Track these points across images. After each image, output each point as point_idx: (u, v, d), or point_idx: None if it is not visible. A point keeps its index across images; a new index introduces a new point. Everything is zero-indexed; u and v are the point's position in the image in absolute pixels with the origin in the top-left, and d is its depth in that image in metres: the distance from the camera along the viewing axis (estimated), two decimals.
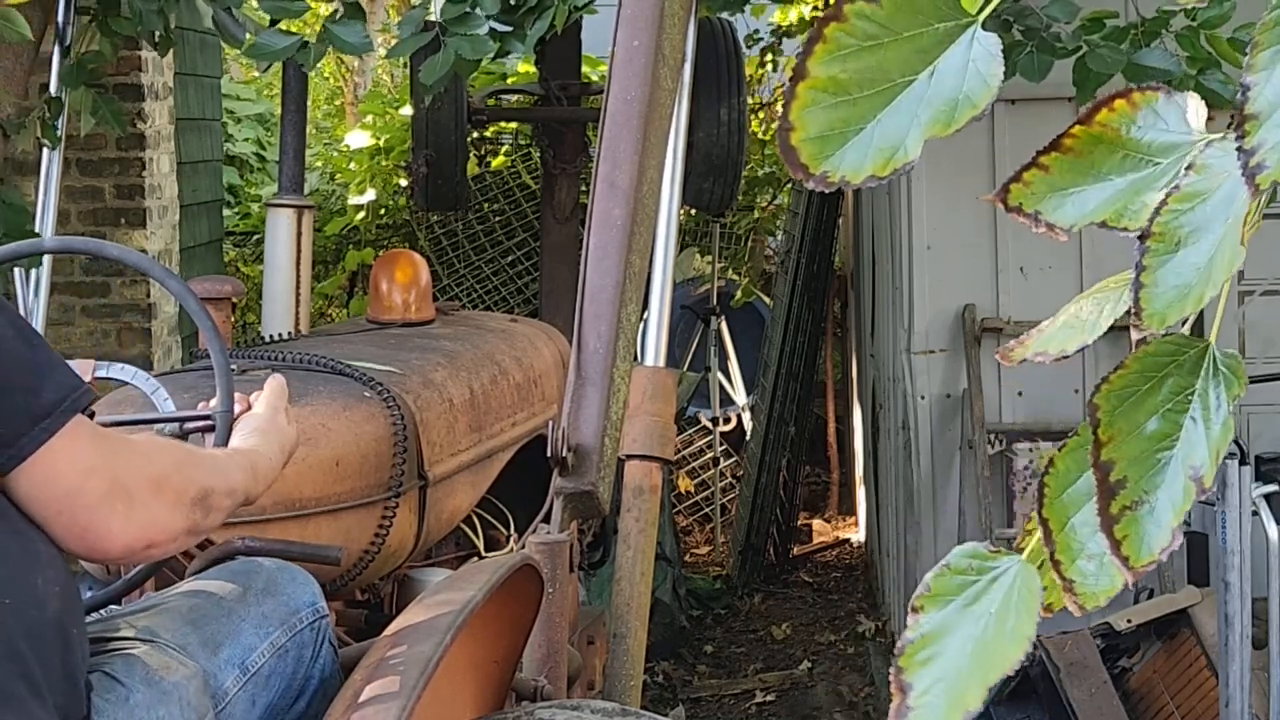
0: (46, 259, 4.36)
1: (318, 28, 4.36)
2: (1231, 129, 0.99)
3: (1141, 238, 1.04)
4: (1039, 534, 1.07)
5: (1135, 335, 1.04)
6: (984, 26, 1.04)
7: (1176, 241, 1.03)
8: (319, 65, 4.40)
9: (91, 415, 2.04)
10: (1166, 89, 1.08)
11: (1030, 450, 5.96)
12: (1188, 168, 1.05)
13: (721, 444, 8.87)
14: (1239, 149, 0.98)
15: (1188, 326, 1.06)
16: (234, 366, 2.89)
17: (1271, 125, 0.97)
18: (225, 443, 2.43)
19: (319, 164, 10.21)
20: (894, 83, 1.01)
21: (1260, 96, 0.98)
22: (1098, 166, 1.09)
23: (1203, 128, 1.07)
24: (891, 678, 1.06)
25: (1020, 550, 1.09)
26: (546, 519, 2.99)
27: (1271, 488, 4.76)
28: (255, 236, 9.82)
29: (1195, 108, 1.07)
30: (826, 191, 1.01)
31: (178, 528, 2.09)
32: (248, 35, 4.87)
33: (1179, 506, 1.01)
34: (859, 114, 1.01)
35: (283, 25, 4.50)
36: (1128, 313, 1.06)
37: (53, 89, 4.66)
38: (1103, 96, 1.10)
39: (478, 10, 4.23)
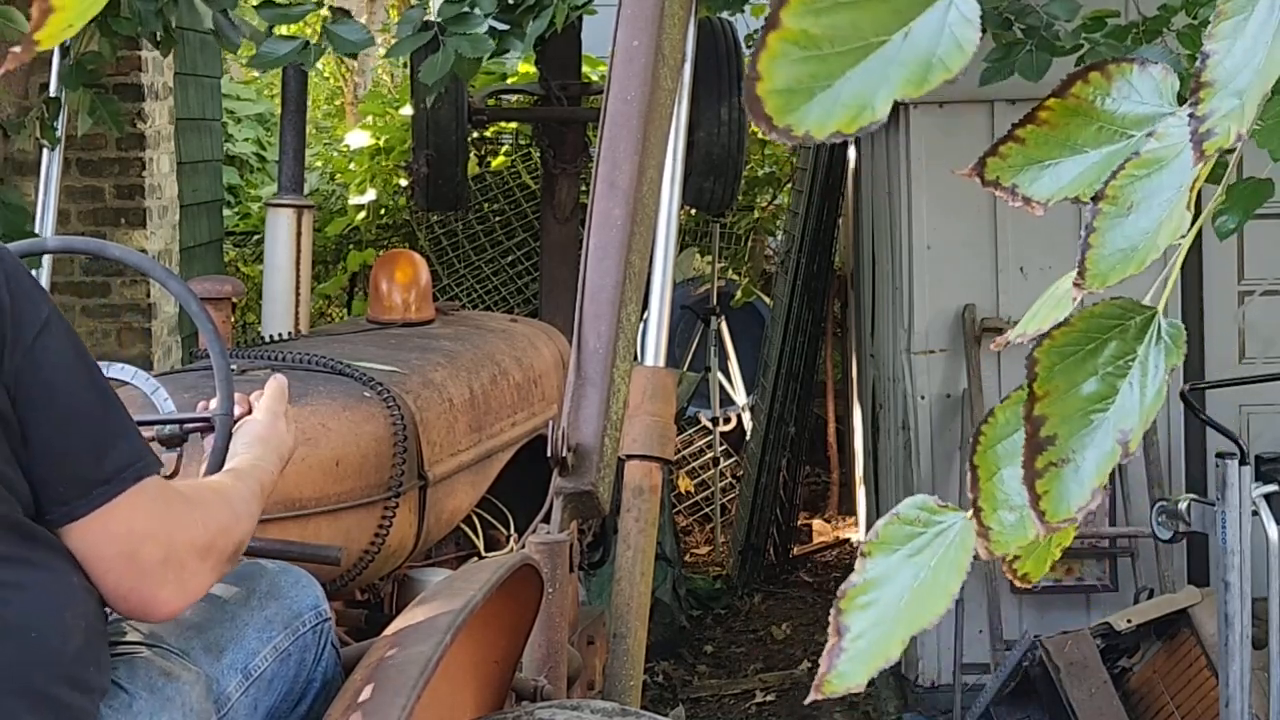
0: (46, 259, 4.36)
1: (316, 28, 4.37)
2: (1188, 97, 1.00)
3: (1094, 199, 1.04)
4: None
5: (1076, 295, 1.05)
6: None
7: (1129, 206, 1.03)
8: (319, 65, 4.41)
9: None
10: (1141, 59, 1.08)
11: None
12: (1149, 135, 1.05)
13: (721, 444, 8.86)
14: (1191, 115, 0.99)
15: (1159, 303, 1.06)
16: (234, 367, 2.89)
17: (1225, 94, 0.98)
18: (225, 444, 2.43)
19: (319, 164, 10.21)
20: (867, 41, 1.00)
21: (1218, 65, 0.99)
22: (1073, 139, 1.09)
23: (1173, 99, 1.07)
24: (831, 618, 1.07)
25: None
26: (546, 519, 2.99)
27: (1271, 488, 4.76)
28: (255, 236, 9.81)
29: (1167, 79, 1.07)
30: (790, 144, 1.01)
31: (211, 583, 2.14)
32: (244, 39, 4.87)
33: (1104, 468, 1.01)
34: (828, 70, 1.00)
35: (280, 30, 4.50)
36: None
37: (52, 89, 4.66)
38: (1078, 69, 1.10)
39: (476, 10, 4.23)
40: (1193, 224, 1.03)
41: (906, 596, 1.06)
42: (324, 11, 4.40)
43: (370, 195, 9.34)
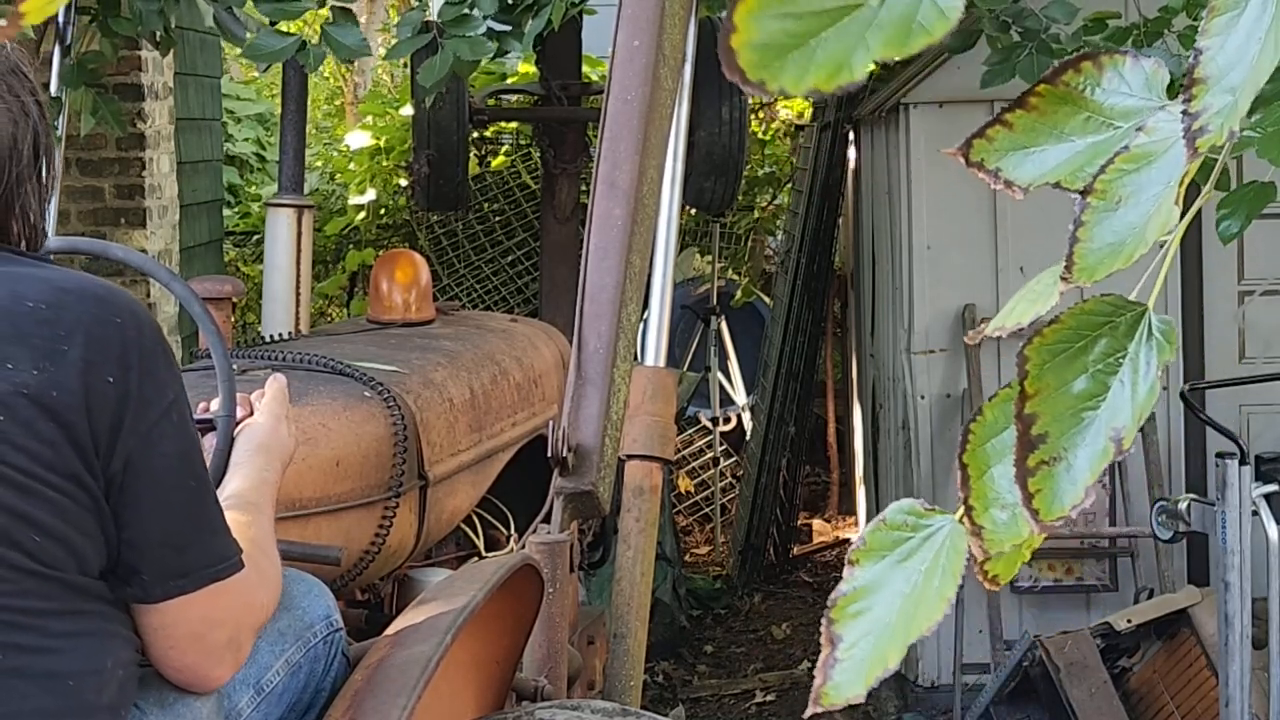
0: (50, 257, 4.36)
1: (316, 29, 4.37)
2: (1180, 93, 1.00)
3: (1083, 193, 1.04)
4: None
5: (1063, 288, 1.05)
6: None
7: (1117, 200, 1.03)
8: (319, 66, 4.42)
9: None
10: (1134, 53, 1.08)
11: None
12: (1139, 129, 1.05)
13: (721, 444, 8.86)
14: (1184, 112, 0.99)
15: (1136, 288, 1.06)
16: (234, 367, 2.89)
17: (1218, 90, 0.98)
18: (227, 446, 2.42)
19: (319, 164, 10.21)
20: (844, 3, 1.00)
21: (1211, 61, 0.99)
22: (1060, 126, 1.09)
23: (1163, 93, 1.07)
24: (823, 629, 1.06)
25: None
26: (546, 519, 2.99)
27: (1271, 488, 4.76)
28: (255, 236, 9.82)
29: (1159, 74, 1.08)
30: (766, 99, 1.01)
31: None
32: (249, 34, 4.88)
33: (1096, 466, 1.01)
34: (804, 28, 0.99)
35: (280, 26, 4.50)
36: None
37: (53, 89, 4.66)
38: (1071, 57, 1.11)
39: (475, 11, 4.23)
40: (1181, 218, 1.03)
41: (899, 604, 1.05)
42: (324, 11, 4.40)
43: (370, 195, 9.34)
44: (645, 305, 3.18)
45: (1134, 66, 1.08)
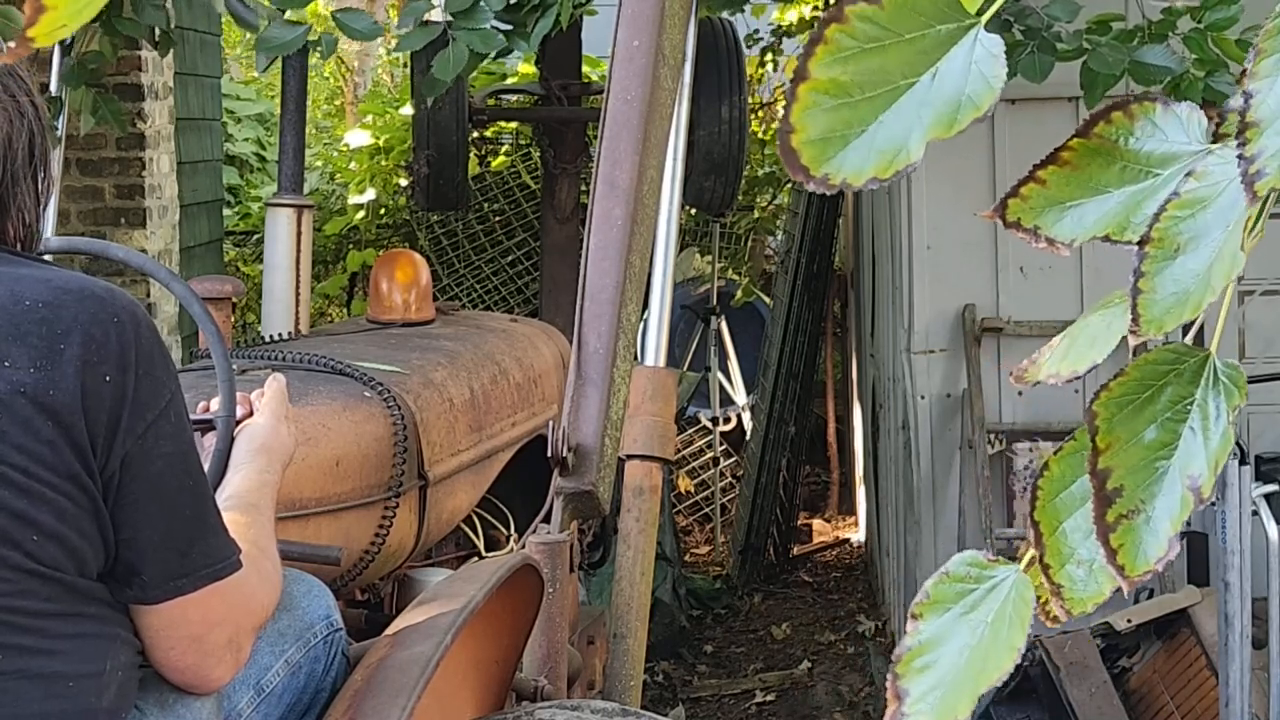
0: (47, 257, 4.35)
1: (319, 27, 4.37)
2: (1233, 136, 0.99)
3: (1140, 244, 1.03)
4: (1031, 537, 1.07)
5: (1133, 341, 1.04)
6: (984, 27, 1.04)
7: (1176, 248, 1.02)
8: (319, 64, 4.42)
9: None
10: (1164, 99, 1.07)
11: (1030, 450, 5.96)
12: (1188, 174, 1.04)
13: (721, 444, 8.86)
14: (1239, 156, 0.98)
15: (1191, 336, 1.06)
16: (234, 367, 2.89)
17: (1272, 133, 0.97)
18: (227, 446, 2.43)
19: (319, 164, 10.21)
20: (895, 85, 1.01)
21: (1262, 104, 0.98)
22: (1096, 179, 1.08)
23: (1202, 137, 1.06)
24: (888, 684, 1.06)
25: (1020, 559, 1.08)
26: (546, 519, 2.99)
27: (1271, 488, 4.76)
28: (255, 236, 9.82)
29: (1194, 117, 1.07)
30: (828, 193, 1.01)
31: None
32: (261, 22, 4.87)
33: (1176, 516, 1.00)
34: (860, 116, 1.00)
35: (290, 16, 4.49)
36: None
37: (53, 89, 4.67)
38: (1100, 108, 1.10)
39: (483, 4, 4.22)
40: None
41: (966, 656, 1.05)
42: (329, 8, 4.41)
43: (370, 195, 9.35)
44: (645, 305, 3.18)
45: (1165, 112, 1.07)
